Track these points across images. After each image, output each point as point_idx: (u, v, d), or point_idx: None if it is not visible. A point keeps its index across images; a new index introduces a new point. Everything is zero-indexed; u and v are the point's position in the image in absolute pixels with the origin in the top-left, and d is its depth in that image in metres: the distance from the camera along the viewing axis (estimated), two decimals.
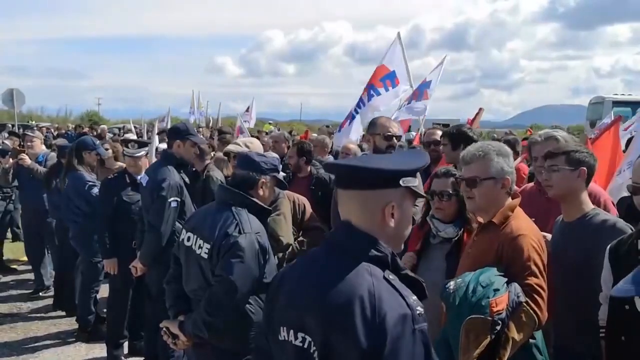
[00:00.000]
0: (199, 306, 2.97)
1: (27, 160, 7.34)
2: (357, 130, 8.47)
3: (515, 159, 4.53)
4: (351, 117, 8.28)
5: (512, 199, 2.82)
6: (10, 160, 7.72)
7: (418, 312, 1.58)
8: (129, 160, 5.54)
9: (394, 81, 8.18)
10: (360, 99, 8.25)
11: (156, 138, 8.38)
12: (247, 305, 2.93)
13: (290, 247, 4.20)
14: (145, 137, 10.40)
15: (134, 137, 8.78)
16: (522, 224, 2.72)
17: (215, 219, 3.00)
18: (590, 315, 2.77)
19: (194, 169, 5.33)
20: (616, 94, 23.37)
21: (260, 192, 3.15)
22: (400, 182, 1.69)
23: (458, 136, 4.36)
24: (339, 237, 1.75)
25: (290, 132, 23.24)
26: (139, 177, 5.24)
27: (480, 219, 2.87)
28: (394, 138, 4.27)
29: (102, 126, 22.84)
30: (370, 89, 8.22)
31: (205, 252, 2.95)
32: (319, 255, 1.77)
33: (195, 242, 3.03)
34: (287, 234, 4.07)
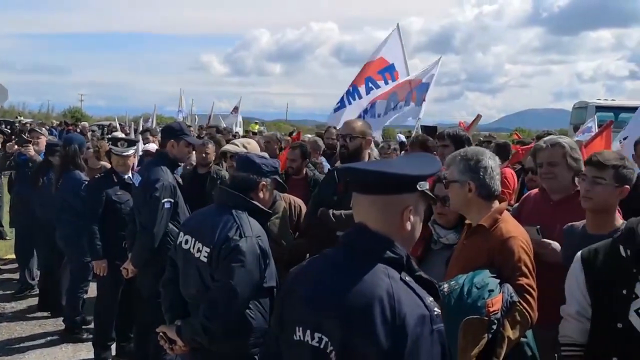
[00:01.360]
0: (197, 311, 2.90)
1: (31, 151, 7.24)
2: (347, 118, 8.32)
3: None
4: (341, 103, 8.13)
5: (500, 202, 2.90)
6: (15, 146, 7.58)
7: (435, 312, 1.62)
8: (118, 159, 5.46)
9: (393, 74, 8.08)
10: (356, 90, 8.11)
11: (139, 137, 8.30)
12: (247, 311, 2.87)
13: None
14: (132, 135, 10.29)
15: (122, 135, 8.67)
16: (511, 226, 2.81)
17: (215, 222, 2.93)
18: None
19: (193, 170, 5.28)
20: (599, 99, 23.65)
21: (261, 194, 3.10)
22: (418, 186, 1.73)
23: (460, 138, 4.33)
24: (355, 239, 1.77)
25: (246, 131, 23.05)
26: (126, 176, 5.18)
27: (468, 222, 2.94)
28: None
29: (83, 123, 22.57)
30: (369, 81, 8.09)
31: (205, 256, 2.89)
32: (335, 257, 1.79)
33: (194, 245, 2.96)
34: (287, 238, 4.03)
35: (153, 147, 7.51)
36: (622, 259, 2.41)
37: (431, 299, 1.66)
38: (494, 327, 2.54)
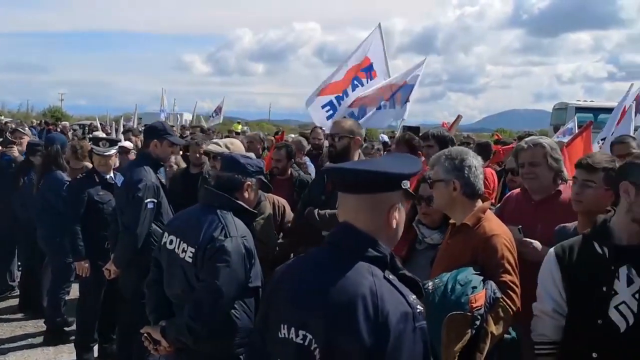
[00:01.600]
0: (182, 311, 2.90)
1: (15, 152, 7.14)
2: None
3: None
4: (333, 110, 8.11)
5: (483, 202, 2.93)
6: None
7: (418, 310, 1.65)
8: (99, 159, 5.42)
9: (371, 73, 8.09)
10: (345, 93, 8.10)
11: (121, 136, 8.25)
12: (232, 311, 2.87)
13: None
14: (114, 135, 10.22)
15: (103, 135, 8.60)
16: (494, 225, 2.85)
17: (200, 222, 2.93)
18: None
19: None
20: (579, 100, 23.99)
21: (246, 194, 3.10)
22: (402, 184, 1.77)
23: (444, 139, 4.36)
24: (340, 238, 1.80)
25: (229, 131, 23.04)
26: (108, 176, 5.15)
27: (453, 221, 2.97)
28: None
29: (63, 123, 22.33)
30: (355, 79, 8.10)
31: (190, 257, 2.89)
32: (320, 256, 1.82)
33: (179, 245, 2.96)
34: (273, 238, 4.04)
35: (128, 144, 7.45)
36: (598, 255, 2.42)
37: (414, 296, 1.69)
38: (478, 322, 2.58)
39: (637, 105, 10.39)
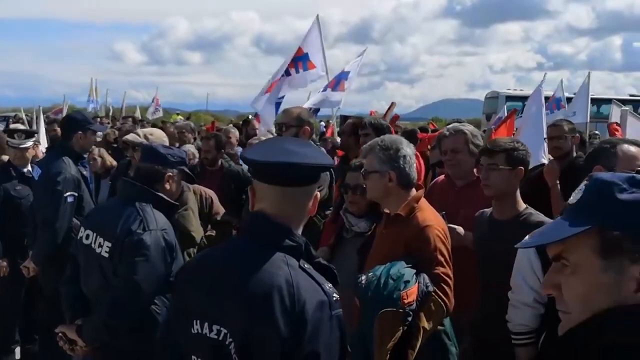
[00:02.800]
0: (99, 309, 2.78)
1: None
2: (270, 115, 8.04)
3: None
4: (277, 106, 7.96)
5: (417, 190, 2.92)
6: None
7: (334, 298, 1.66)
8: (15, 151, 5.12)
9: (305, 64, 7.97)
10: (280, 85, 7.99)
11: (42, 127, 7.92)
12: (153, 306, 2.77)
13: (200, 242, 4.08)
14: (34, 127, 9.76)
15: (22, 127, 8.20)
16: (427, 215, 2.84)
17: (117, 215, 2.82)
18: None
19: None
20: (509, 89, 24.82)
21: (167, 186, 2.99)
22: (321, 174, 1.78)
23: (381, 127, 4.36)
24: (254, 228, 1.77)
25: (187, 119, 22.64)
26: (25, 169, 4.95)
27: (387, 211, 2.94)
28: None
29: None
30: (286, 73, 7.98)
31: (106, 251, 2.77)
32: (235, 246, 1.79)
33: (95, 240, 2.83)
34: (197, 230, 3.95)
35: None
36: None
37: (330, 285, 1.68)
38: (409, 318, 2.58)
39: (555, 101, 10.81)
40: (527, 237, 1.22)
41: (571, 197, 1.18)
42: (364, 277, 2.67)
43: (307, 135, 4.06)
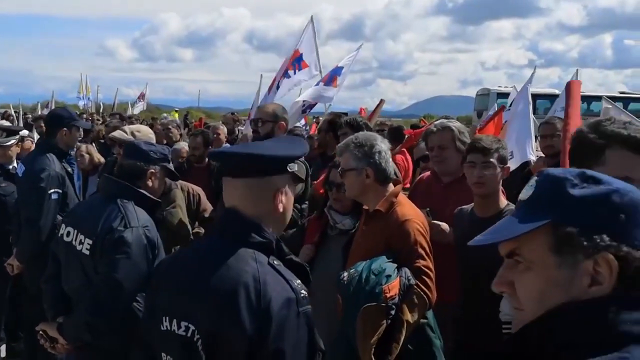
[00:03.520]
0: (80, 306, 2.75)
1: None
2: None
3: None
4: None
5: (395, 185, 2.93)
6: None
7: (302, 295, 1.65)
8: None
9: (300, 64, 8.03)
10: (278, 85, 8.05)
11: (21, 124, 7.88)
12: (135, 304, 2.74)
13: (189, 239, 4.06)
14: (21, 123, 9.70)
15: (7, 124, 8.15)
16: (406, 209, 2.86)
17: (99, 212, 2.78)
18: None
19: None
20: (500, 87, 24.84)
21: (149, 183, 2.96)
22: (288, 168, 1.74)
23: (358, 124, 4.34)
24: (224, 225, 1.77)
25: (185, 116, 22.50)
26: (10, 167, 4.92)
27: (366, 207, 2.96)
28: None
29: None
30: (285, 75, 8.05)
31: (87, 249, 2.74)
32: (205, 244, 1.83)
33: (76, 237, 2.80)
34: (185, 227, 3.94)
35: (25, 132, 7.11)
36: None
37: (299, 281, 1.68)
38: (392, 312, 2.59)
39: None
40: (479, 235, 1.21)
41: (522, 193, 1.16)
42: (345, 274, 2.68)
43: (283, 130, 4.13)
